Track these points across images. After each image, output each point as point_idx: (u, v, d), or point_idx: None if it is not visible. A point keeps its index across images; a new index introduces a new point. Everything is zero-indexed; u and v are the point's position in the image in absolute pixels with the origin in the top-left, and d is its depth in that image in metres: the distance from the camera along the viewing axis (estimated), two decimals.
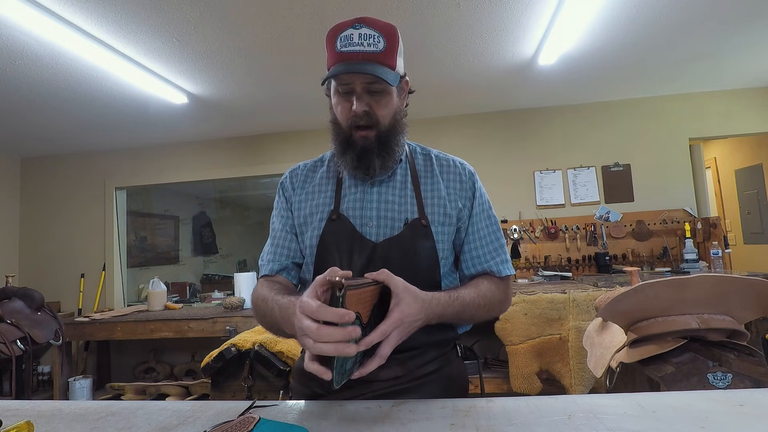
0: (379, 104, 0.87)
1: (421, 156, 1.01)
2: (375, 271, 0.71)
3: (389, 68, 0.85)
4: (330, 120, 0.94)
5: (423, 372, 0.90)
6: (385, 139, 0.89)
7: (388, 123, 0.90)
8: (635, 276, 2.41)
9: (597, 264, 3.48)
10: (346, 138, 0.89)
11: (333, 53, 0.86)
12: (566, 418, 0.64)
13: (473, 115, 3.85)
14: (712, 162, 4.83)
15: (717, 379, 1.03)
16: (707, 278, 1.07)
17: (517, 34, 2.45)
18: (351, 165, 0.90)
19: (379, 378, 0.87)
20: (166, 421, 0.72)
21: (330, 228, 0.92)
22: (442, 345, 0.95)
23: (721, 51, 2.85)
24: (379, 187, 0.94)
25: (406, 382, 0.89)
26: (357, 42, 0.83)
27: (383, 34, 0.84)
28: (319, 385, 0.92)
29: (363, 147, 0.88)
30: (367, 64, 0.83)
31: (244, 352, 1.85)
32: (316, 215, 0.95)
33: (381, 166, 0.91)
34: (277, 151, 4.06)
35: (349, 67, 0.83)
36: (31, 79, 2.60)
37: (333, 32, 0.86)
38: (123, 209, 4.28)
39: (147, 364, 3.63)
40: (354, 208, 0.93)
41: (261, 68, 2.69)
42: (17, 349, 2.25)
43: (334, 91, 0.90)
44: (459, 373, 0.98)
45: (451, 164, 1.00)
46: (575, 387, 2.35)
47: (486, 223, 0.97)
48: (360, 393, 0.86)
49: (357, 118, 0.87)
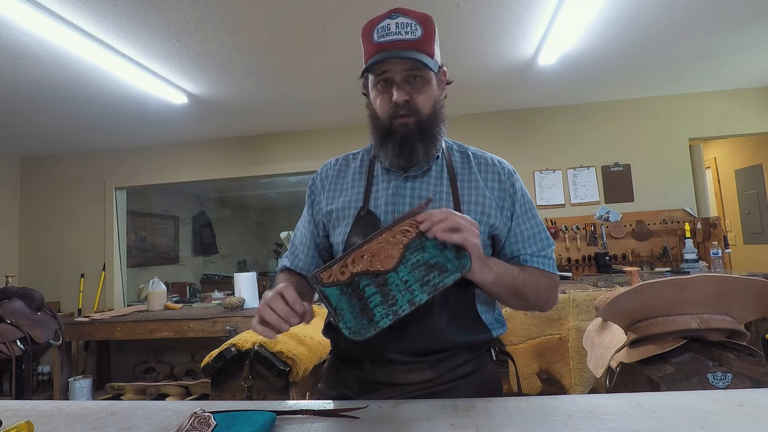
0: (419, 93, 0.85)
1: (458, 153, 0.97)
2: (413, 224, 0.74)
3: (428, 55, 0.84)
4: (368, 115, 0.92)
5: (455, 375, 0.87)
6: (427, 126, 0.87)
7: (429, 111, 0.87)
8: (635, 276, 2.41)
9: (597, 264, 3.48)
10: (386, 128, 0.87)
11: (370, 45, 0.84)
12: (566, 418, 0.64)
13: (473, 115, 3.85)
14: (712, 162, 4.83)
15: (717, 379, 1.03)
16: (707, 278, 1.07)
17: (517, 34, 2.45)
18: (393, 153, 0.87)
19: (409, 381, 0.85)
20: (166, 421, 0.72)
21: (358, 224, 0.89)
22: (476, 347, 0.91)
23: (721, 51, 2.85)
24: (413, 182, 0.91)
25: (437, 385, 0.85)
26: (395, 31, 0.82)
27: (420, 22, 0.84)
28: (346, 387, 0.91)
29: (404, 134, 0.85)
30: (407, 51, 0.82)
31: (244, 352, 1.85)
32: (347, 210, 0.93)
33: (424, 153, 0.88)
34: (277, 151, 4.06)
35: (389, 54, 0.81)
36: (31, 79, 2.60)
37: (369, 25, 0.85)
38: (123, 209, 4.28)
39: (147, 364, 3.63)
40: (386, 203, 0.90)
41: (261, 68, 2.69)
42: (17, 349, 2.24)
43: (372, 85, 0.88)
44: (492, 377, 0.93)
45: (489, 162, 0.96)
46: (575, 387, 2.35)
47: (531, 223, 0.93)
48: (389, 396, 0.83)
49: (397, 107, 0.84)
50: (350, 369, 0.91)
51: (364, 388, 0.87)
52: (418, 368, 0.85)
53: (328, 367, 0.98)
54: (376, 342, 0.82)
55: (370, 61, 0.83)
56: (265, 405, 0.76)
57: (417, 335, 0.84)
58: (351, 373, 0.90)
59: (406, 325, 0.82)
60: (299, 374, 1.84)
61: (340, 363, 0.94)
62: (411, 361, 0.85)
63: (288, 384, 1.86)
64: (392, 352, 0.85)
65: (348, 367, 0.91)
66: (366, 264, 0.70)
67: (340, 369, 0.93)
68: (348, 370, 0.91)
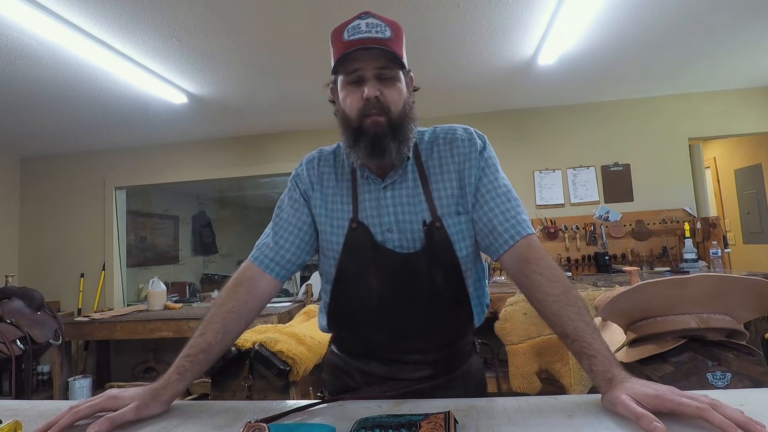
0: (390, 91, 0.85)
1: (428, 143, 0.94)
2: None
3: (398, 54, 0.84)
4: (338, 116, 0.90)
5: (451, 368, 0.94)
6: (398, 124, 0.85)
7: (400, 109, 0.86)
8: (635, 276, 2.41)
9: (596, 264, 3.49)
10: (356, 127, 0.85)
11: (340, 44, 0.84)
12: (566, 418, 0.64)
13: (473, 115, 3.85)
14: (711, 162, 4.83)
15: (716, 378, 1.03)
16: (706, 278, 1.07)
17: (516, 34, 2.45)
18: (365, 153, 0.85)
19: (412, 377, 0.91)
20: (166, 421, 0.72)
21: (351, 237, 0.89)
22: (468, 341, 0.98)
23: (721, 51, 2.85)
24: (392, 190, 0.90)
25: (437, 377, 0.92)
26: (365, 30, 0.82)
27: (389, 25, 0.84)
28: (351, 378, 0.95)
29: (375, 133, 0.84)
30: (378, 46, 0.82)
31: (244, 352, 1.85)
32: (335, 220, 0.92)
33: (397, 152, 0.85)
34: (276, 151, 4.06)
35: (360, 47, 0.81)
36: (31, 79, 2.60)
37: (339, 28, 0.85)
38: (123, 209, 4.28)
39: (146, 364, 3.63)
40: (372, 215, 0.90)
41: (261, 68, 2.69)
42: (17, 349, 2.24)
43: (342, 86, 0.87)
44: (478, 366, 1.01)
45: (454, 139, 0.93)
46: (575, 387, 2.35)
47: (494, 194, 0.88)
48: (393, 388, 0.89)
49: (368, 105, 0.83)
50: (356, 362, 0.96)
51: (368, 381, 0.93)
52: (421, 366, 0.92)
53: (332, 357, 1.01)
54: (383, 345, 0.92)
55: (341, 56, 0.83)
56: (266, 405, 0.76)
57: (421, 339, 0.91)
58: (356, 366, 0.96)
59: (411, 333, 0.90)
60: (299, 374, 1.84)
61: (346, 356, 0.98)
62: (415, 361, 0.92)
63: (288, 384, 1.86)
64: (398, 354, 0.92)
65: (354, 360, 0.96)
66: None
67: (345, 361, 0.98)
68: (354, 364, 0.96)
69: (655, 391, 0.60)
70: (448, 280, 0.87)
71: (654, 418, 0.55)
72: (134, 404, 0.70)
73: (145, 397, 0.73)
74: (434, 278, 0.86)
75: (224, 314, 0.85)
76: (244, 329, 0.89)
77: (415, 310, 0.88)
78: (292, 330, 2.02)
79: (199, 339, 0.81)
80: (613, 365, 0.67)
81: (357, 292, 0.89)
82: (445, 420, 0.61)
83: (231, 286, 0.89)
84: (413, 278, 0.86)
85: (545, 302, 0.77)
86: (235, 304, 0.86)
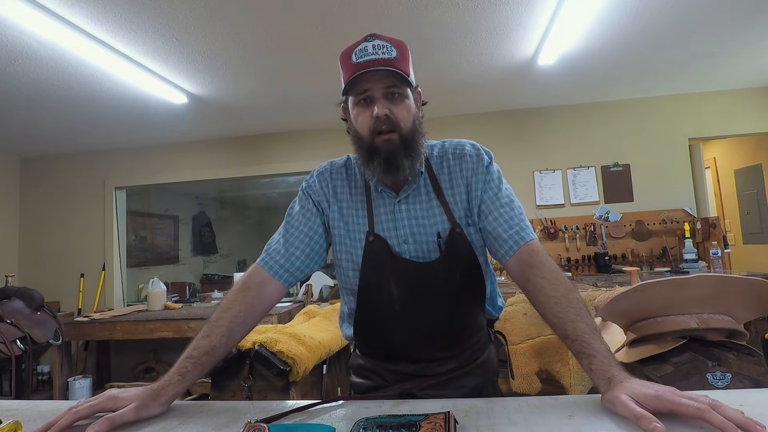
0: (399, 108, 0.88)
1: (437, 157, 0.99)
2: None
3: (404, 73, 0.87)
4: (351, 137, 0.94)
5: (472, 359, 0.98)
6: (410, 140, 0.89)
7: (410, 126, 0.90)
8: (635, 276, 2.42)
9: (596, 264, 3.49)
10: (369, 146, 0.89)
11: (349, 66, 0.87)
12: (566, 418, 0.64)
13: (473, 115, 3.85)
14: (711, 162, 4.83)
15: (716, 378, 1.03)
16: (707, 278, 1.07)
17: (516, 34, 2.45)
18: (380, 170, 0.89)
19: (437, 372, 0.96)
20: (166, 421, 0.72)
21: (370, 250, 0.92)
22: (484, 335, 1.03)
23: (721, 51, 2.85)
24: (406, 203, 0.94)
25: (458, 369, 0.96)
26: (372, 52, 0.86)
27: (395, 45, 0.88)
28: (381, 378, 0.99)
29: (388, 150, 0.88)
30: (385, 67, 0.85)
31: (244, 352, 1.85)
32: (353, 233, 0.95)
33: (410, 167, 0.90)
34: (277, 151, 4.06)
35: (369, 69, 0.84)
36: (31, 79, 2.60)
37: (347, 51, 0.89)
38: (123, 209, 4.28)
39: (146, 364, 3.63)
40: (388, 228, 0.93)
41: (261, 68, 2.69)
42: (17, 349, 2.24)
43: (352, 105, 0.91)
44: (494, 354, 1.05)
45: (462, 154, 0.98)
46: (575, 387, 2.35)
47: (497, 204, 0.93)
48: (419, 384, 0.94)
49: (379, 122, 0.87)
50: (385, 363, 1.00)
51: (398, 379, 0.97)
52: (446, 362, 0.96)
53: (358, 361, 1.04)
54: (410, 347, 0.96)
55: (350, 79, 0.86)
56: (266, 405, 0.76)
57: (445, 338, 0.96)
58: (385, 366, 1.00)
59: (436, 333, 0.94)
60: (299, 374, 1.84)
61: (373, 359, 1.02)
62: (440, 358, 0.97)
63: (288, 384, 1.86)
64: (425, 352, 0.96)
65: (381, 362, 1.00)
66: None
67: (373, 363, 1.01)
68: (382, 365, 1.00)
69: (655, 391, 0.60)
70: (468, 282, 0.91)
71: (653, 419, 0.55)
72: (134, 405, 0.71)
73: (145, 397, 0.73)
74: (453, 282, 0.90)
75: (231, 318, 0.85)
76: (247, 333, 0.91)
77: (437, 312, 0.92)
78: (293, 330, 2.02)
79: (203, 341, 0.82)
80: (612, 365, 0.68)
81: (381, 301, 0.92)
82: (445, 420, 0.61)
83: (238, 289, 0.90)
84: (432, 284, 0.91)
85: (547, 304, 0.79)
86: (242, 308, 0.87)
